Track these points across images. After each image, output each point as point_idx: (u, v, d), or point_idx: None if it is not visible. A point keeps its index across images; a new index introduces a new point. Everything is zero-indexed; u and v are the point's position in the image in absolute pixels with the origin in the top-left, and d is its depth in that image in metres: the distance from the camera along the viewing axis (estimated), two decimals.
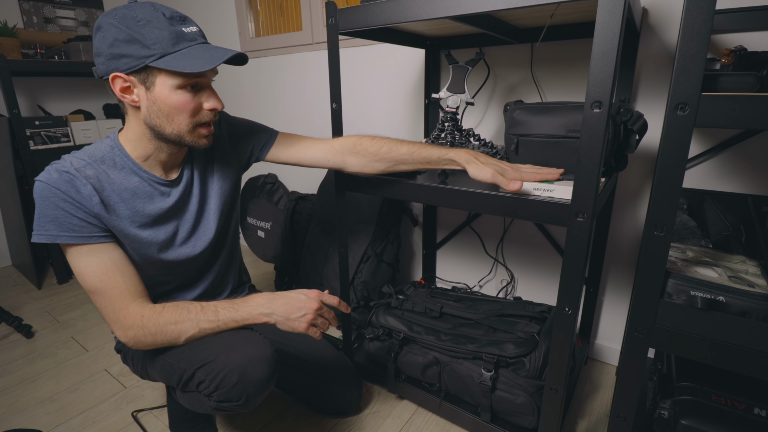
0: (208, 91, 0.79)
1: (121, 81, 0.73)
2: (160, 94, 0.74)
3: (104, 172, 0.78)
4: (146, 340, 0.79)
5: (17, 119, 1.74)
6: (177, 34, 0.72)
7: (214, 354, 0.79)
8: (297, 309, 0.82)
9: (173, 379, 0.84)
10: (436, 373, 1.10)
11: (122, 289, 0.78)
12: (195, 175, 0.91)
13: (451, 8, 0.74)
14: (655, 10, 1.05)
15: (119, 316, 0.78)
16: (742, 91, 0.66)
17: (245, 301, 0.84)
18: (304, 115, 1.95)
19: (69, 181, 0.74)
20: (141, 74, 0.73)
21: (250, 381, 0.78)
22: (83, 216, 0.75)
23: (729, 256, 0.83)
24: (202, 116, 0.79)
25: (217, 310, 0.82)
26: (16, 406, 1.20)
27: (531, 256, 1.43)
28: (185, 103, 0.75)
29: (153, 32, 0.70)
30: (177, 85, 0.73)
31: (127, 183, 0.81)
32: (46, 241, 0.74)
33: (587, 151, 0.67)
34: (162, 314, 0.79)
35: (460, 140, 1.11)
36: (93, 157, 0.79)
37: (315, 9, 1.76)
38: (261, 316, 0.82)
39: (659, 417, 0.80)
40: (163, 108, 0.75)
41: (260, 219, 1.90)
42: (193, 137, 0.80)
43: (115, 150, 0.81)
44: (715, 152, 1.06)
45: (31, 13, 2.14)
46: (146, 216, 0.83)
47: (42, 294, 1.88)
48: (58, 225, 0.74)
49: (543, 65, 1.24)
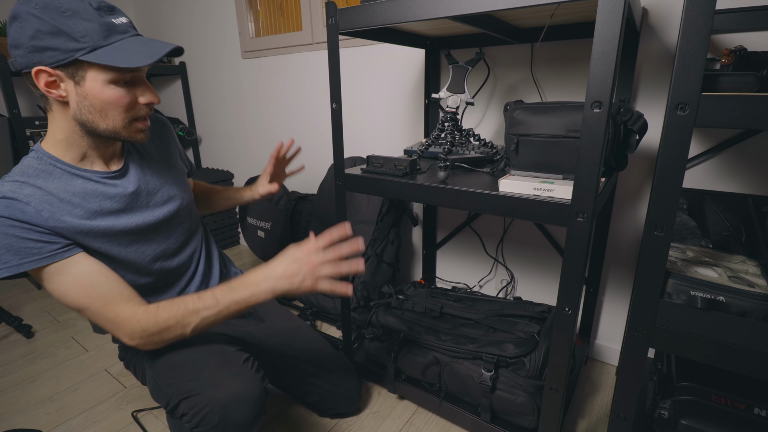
0: (142, 85, 0.75)
1: (45, 75, 0.67)
2: (91, 89, 0.70)
3: (39, 187, 0.72)
4: (154, 340, 0.76)
5: (17, 119, 1.74)
6: (108, 25, 0.68)
7: (200, 386, 0.77)
8: (296, 274, 0.75)
9: (162, 401, 0.84)
10: (436, 373, 1.10)
11: (107, 297, 0.74)
12: (143, 162, 0.87)
13: (451, 8, 0.74)
14: (655, 10, 1.05)
15: (116, 324, 0.75)
16: (742, 91, 0.66)
17: (242, 281, 0.78)
18: (304, 115, 1.95)
19: (9, 206, 0.68)
20: (69, 68, 0.68)
21: (231, 424, 0.75)
22: (38, 236, 0.69)
23: (729, 256, 0.83)
24: (137, 111, 0.75)
25: (215, 296, 0.77)
26: (16, 406, 1.20)
27: (531, 256, 1.43)
28: (119, 98, 0.71)
29: (81, 24, 0.66)
30: (110, 80, 0.70)
31: (71, 188, 0.75)
32: (10, 274, 0.68)
33: (587, 151, 0.67)
34: (159, 314, 0.75)
35: (460, 140, 1.11)
36: (24, 174, 0.73)
37: (315, 9, 1.76)
38: (265, 294, 0.76)
39: (659, 417, 0.80)
40: (96, 103, 0.71)
41: (260, 219, 1.90)
42: (129, 132, 0.76)
43: (44, 160, 0.75)
44: (715, 152, 1.06)
45: None
46: (106, 213, 0.78)
47: (42, 294, 1.88)
48: (15, 253, 0.68)
49: (543, 65, 1.24)
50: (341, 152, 1.04)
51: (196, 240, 0.98)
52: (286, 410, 1.17)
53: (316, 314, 1.61)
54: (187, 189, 0.97)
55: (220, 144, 2.43)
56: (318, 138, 1.93)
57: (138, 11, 2.58)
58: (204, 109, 2.44)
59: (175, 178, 0.93)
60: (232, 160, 2.41)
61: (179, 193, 0.92)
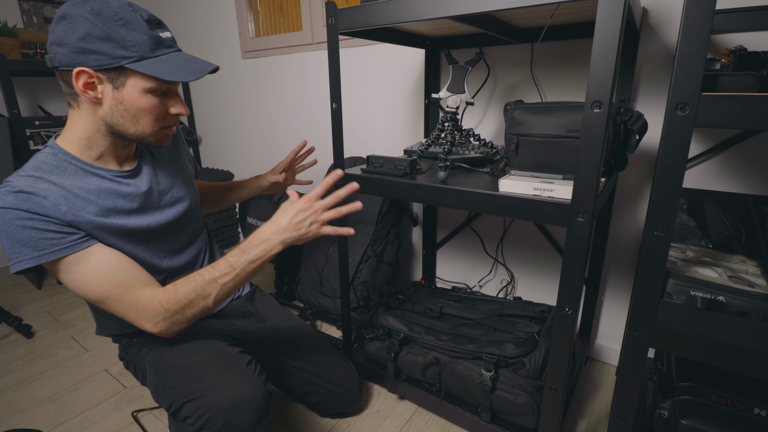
0: (175, 96, 0.79)
1: (86, 76, 0.70)
2: (129, 95, 0.73)
3: (55, 183, 0.73)
4: (178, 319, 0.76)
5: (17, 119, 1.74)
6: (156, 39, 0.72)
7: (202, 389, 0.77)
8: (303, 222, 0.79)
9: (164, 403, 0.83)
10: (436, 373, 1.10)
11: (128, 284, 0.75)
12: (155, 163, 0.90)
13: (451, 8, 0.74)
14: (655, 10, 1.05)
15: (140, 312, 0.75)
16: (742, 91, 0.66)
17: (250, 241, 0.79)
18: (304, 115, 1.95)
19: (27, 199, 0.69)
20: (111, 73, 0.71)
21: (235, 426, 0.75)
22: (56, 228, 0.70)
23: (729, 256, 0.83)
24: (167, 120, 0.79)
25: (228, 262, 0.78)
26: (16, 406, 1.20)
27: (531, 256, 1.43)
28: (153, 107, 0.75)
29: (132, 34, 0.69)
30: (148, 89, 0.73)
31: (86, 185, 0.76)
32: (29, 266, 0.69)
33: (587, 151, 0.67)
34: (178, 290, 0.76)
35: (460, 140, 1.11)
36: (39, 170, 0.73)
37: (315, 9, 1.76)
38: (278, 246, 0.78)
39: (659, 417, 0.80)
40: (130, 109, 0.74)
41: (260, 219, 1.90)
42: (156, 138, 0.80)
43: (60, 156, 0.76)
44: (715, 152, 1.06)
45: (31, 13, 2.14)
46: (119, 211, 0.80)
47: (42, 294, 1.88)
48: (34, 246, 0.69)
49: (543, 65, 1.24)
50: (341, 152, 1.04)
51: (201, 240, 1.01)
52: (286, 410, 1.17)
53: (316, 314, 1.61)
54: (195, 190, 1.00)
55: (220, 144, 2.43)
56: (318, 138, 1.93)
57: None
58: (204, 109, 2.44)
59: (184, 180, 0.96)
60: (232, 160, 2.41)
61: (188, 194, 0.95)
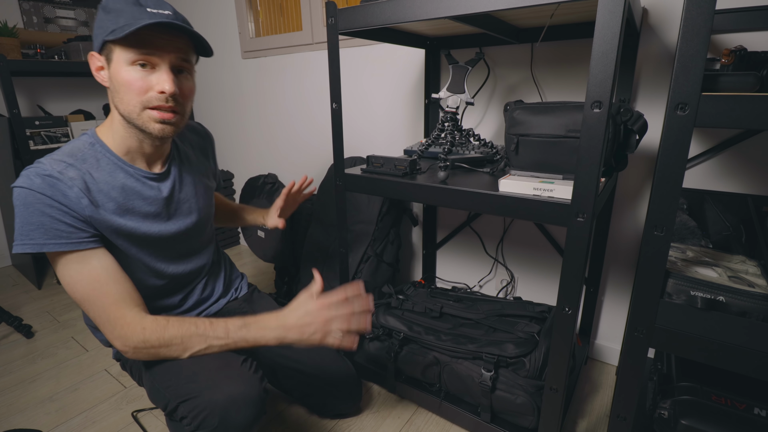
0: (164, 73, 0.73)
1: (95, 59, 0.74)
2: (114, 70, 0.73)
3: (87, 172, 0.74)
4: (148, 353, 0.76)
5: (17, 119, 1.74)
6: (135, 11, 0.70)
7: (198, 389, 0.76)
8: (307, 327, 0.78)
9: (160, 404, 0.83)
10: (436, 373, 1.10)
11: (116, 297, 0.74)
12: (183, 169, 0.90)
13: (451, 8, 0.74)
14: (655, 10, 1.05)
15: (116, 325, 0.74)
16: (742, 91, 0.66)
17: (257, 321, 0.80)
18: (305, 115, 1.95)
19: (53, 185, 0.69)
20: (104, 52, 0.73)
21: (231, 425, 0.75)
22: (71, 221, 0.71)
23: (729, 256, 0.83)
24: (150, 98, 0.73)
25: (227, 328, 0.78)
26: (16, 406, 1.20)
27: (531, 256, 1.43)
28: (132, 81, 0.72)
29: (115, 10, 0.70)
30: (128, 61, 0.71)
31: (114, 180, 0.77)
32: (31, 251, 0.69)
33: (587, 151, 0.67)
34: (167, 328, 0.75)
35: (460, 140, 1.11)
36: (73, 156, 0.74)
37: (315, 9, 1.76)
38: (274, 340, 0.79)
39: (659, 417, 0.80)
40: (116, 85, 0.73)
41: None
42: (142, 120, 0.75)
43: (96, 146, 0.77)
44: (715, 152, 1.06)
45: (31, 13, 2.14)
46: (136, 213, 0.80)
47: (42, 294, 1.88)
48: (44, 232, 0.69)
49: (543, 65, 1.24)
50: (341, 152, 1.04)
51: (208, 252, 1.01)
52: (286, 410, 1.17)
53: None
54: (212, 204, 1.01)
55: (220, 144, 2.43)
56: (318, 138, 1.93)
57: None
58: (204, 109, 2.44)
59: (205, 192, 0.96)
60: (231, 160, 2.41)
61: (204, 207, 0.95)
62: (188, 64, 0.78)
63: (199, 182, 0.94)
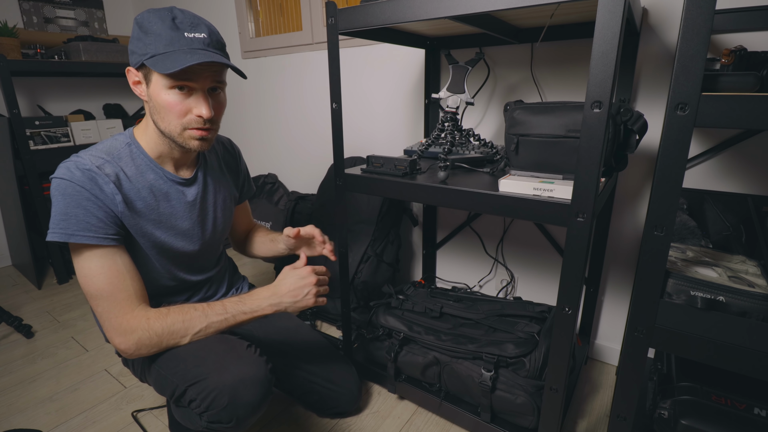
0: (201, 97, 0.78)
1: (132, 74, 0.79)
2: (154, 91, 0.77)
3: (122, 169, 0.79)
4: (150, 342, 0.78)
5: (17, 119, 1.74)
6: (174, 36, 0.74)
7: (206, 372, 0.78)
8: (300, 290, 0.86)
9: (167, 392, 0.84)
10: (436, 373, 1.10)
11: (130, 292, 0.78)
12: (208, 178, 0.94)
13: (451, 8, 0.74)
14: (655, 10, 1.05)
15: (122, 320, 0.77)
16: (742, 91, 0.66)
17: (251, 295, 0.86)
18: (305, 115, 1.95)
19: (92, 179, 0.74)
20: (143, 70, 0.77)
21: (241, 404, 0.77)
22: (103, 216, 0.75)
23: (729, 256, 0.83)
24: (189, 120, 0.79)
25: (224, 305, 0.84)
26: (16, 406, 1.20)
27: (531, 256, 1.43)
28: (173, 105, 0.77)
29: (154, 33, 0.73)
30: (167, 85, 0.75)
31: (144, 180, 0.82)
32: (60, 240, 0.72)
33: (587, 151, 0.67)
34: (168, 315, 0.80)
35: (460, 140, 1.11)
36: (110, 154, 0.80)
37: (315, 9, 1.76)
38: (270, 308, 0.85)
39: (659, 417, 0.80)
40: (156, 105, 0.78)
41: (260, 219, 1.90)
42: (183, 138, 0.80)
43: (132, 147, 0.83)
44: (715, 152, 1.06)
45: (31, 13, 2.14)
46: (163, 213, 0.84)
47: (42, 294, 1.88)
48: (77, 223, 0.73)
49: (543, 65, 1.24)
50: (341, 152, 1.04)
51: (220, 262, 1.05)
52: (286, 410, 1.17)
53: (316, 314, 1.61)
54: (230, 217, 1.04)
55: None
56: (318, 138, 1.93)
57: (138, 11, 2.58)
58: None
59: (224, 207, 1.00)
60: None
61: (222, 220, 0.99)
62: (222, 84, 0.82)
63: (221, 197, 0.98)
